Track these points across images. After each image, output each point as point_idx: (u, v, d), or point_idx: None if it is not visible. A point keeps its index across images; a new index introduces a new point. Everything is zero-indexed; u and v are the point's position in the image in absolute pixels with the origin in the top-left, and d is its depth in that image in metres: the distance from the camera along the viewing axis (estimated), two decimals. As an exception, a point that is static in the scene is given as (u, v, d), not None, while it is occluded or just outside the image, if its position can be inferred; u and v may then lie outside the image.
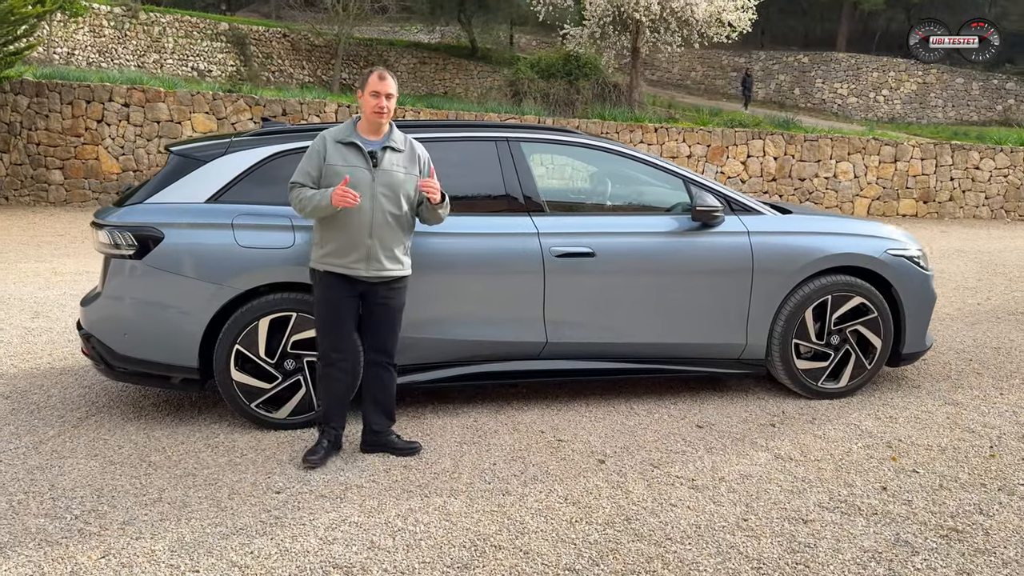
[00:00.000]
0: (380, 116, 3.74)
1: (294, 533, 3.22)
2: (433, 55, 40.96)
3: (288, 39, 37.60)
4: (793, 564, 3.03)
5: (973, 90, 37.94)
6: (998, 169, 16.26)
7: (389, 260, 3.77)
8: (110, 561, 3.00)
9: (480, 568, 2.97)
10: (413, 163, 3.83)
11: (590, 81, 23.95)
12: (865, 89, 38.30)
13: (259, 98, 15.27)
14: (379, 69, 3.80)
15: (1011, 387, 5.15)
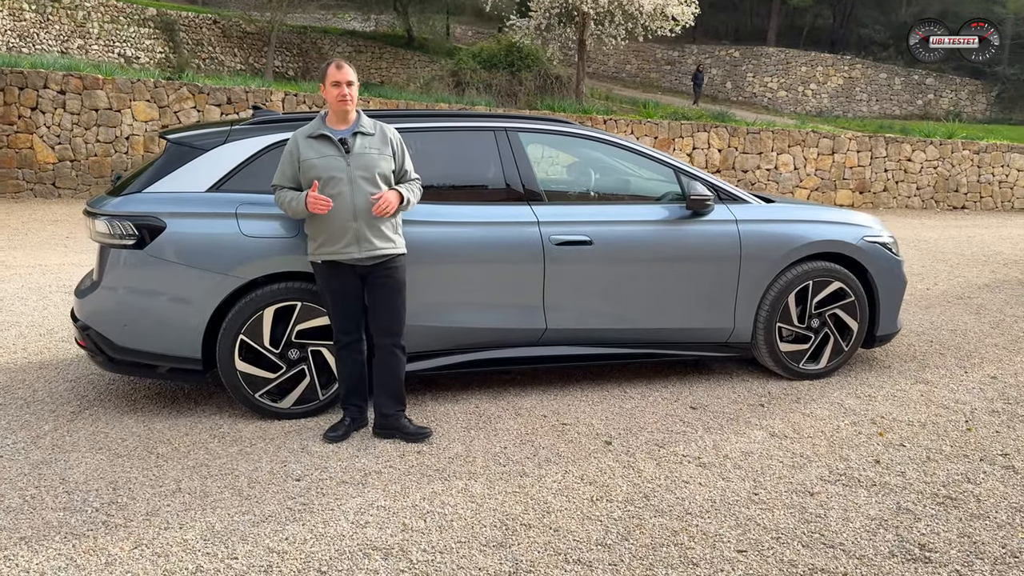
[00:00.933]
0: (344, 104, 3.80)
1: (324, 518, 3.24)
2: (368, 44, 40.49)
3: (219, 26, 36.64)
4: (808, 533, 3.20)
5: (896, 85, 39.47)
6: (928, 161, 17.02)
7: (379, 239, 3.82)
8: (144, 551, 2.98)
9: (515, 546, 3.06)
10: (385, 144, 3.89)
11: (532, 72, 24.12)
12: (794, 83, 39.42)
13: (203, 86, 14.91)
14: (335, 60, 3.89)
15: (973, 366, 5.47)
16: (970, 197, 17.36)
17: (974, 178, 17.09)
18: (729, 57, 40.76)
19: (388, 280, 3.90)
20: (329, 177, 3.78)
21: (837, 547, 3.10)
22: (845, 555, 3.04)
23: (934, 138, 17.27)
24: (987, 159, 17.11)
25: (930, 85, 39.73)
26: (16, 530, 3.11)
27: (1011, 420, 4.46)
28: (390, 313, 3.95)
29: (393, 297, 3.93)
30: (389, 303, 3.94)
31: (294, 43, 39.22)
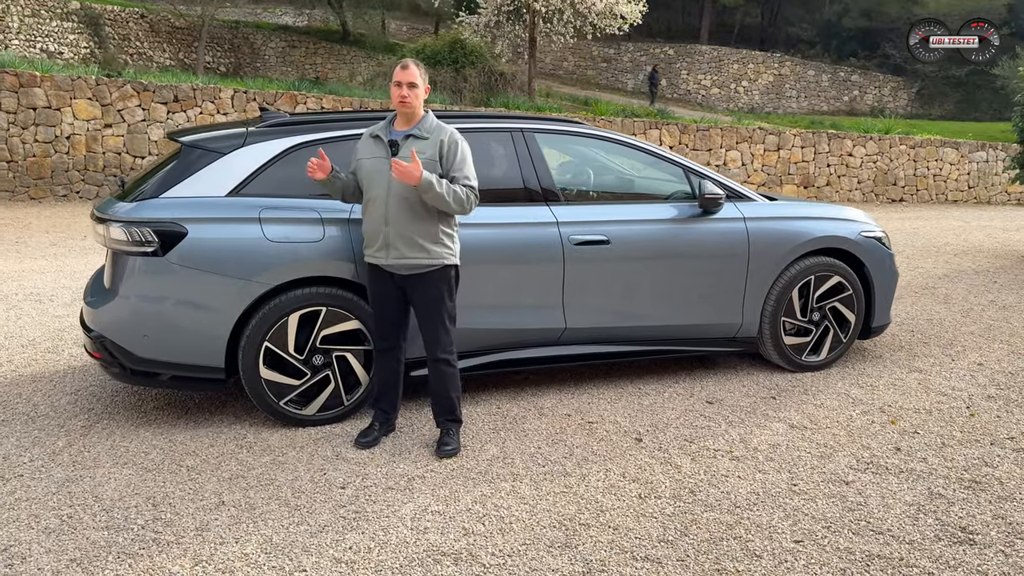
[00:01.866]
0: (403, 106, 3.75)
1: (382, 525, 3.21)
2: (303, 39, 39.83)
3: (147, 20, 35.53)
4: (855, 521, 3.31)
5: (823, 82, 40.71)
6: (868, 156, 17.65)
7: (409, 247, 3.72)
8: (206, 568, 2.91)
9: (580, 546, 3.09)
10: (435, 148, 3.75)
11: (477, 69, 24.09)
12: (727, 81, 40.33)
13: (148, 83, 14.45)
14: (404, 60, 3.82)
15: (957, 354, 5.72)
16: (907, 190, 18.07)
17: (911, 172, 17.80)
18: (664, 55, 41.41)
19: (423, 292, 3.81)
20: (371, 179, 3.77)
21: (885, 533, 3.21)
22: (896, 541, 3.15)
23: (873, 134, 17.90)
24: (923, 153, 17.84)
25: (855, 82, 41.09)
26: (63, 551, 3.00)
27: (1008, 405, 4.68)
28: (428, 326, 3.87)
29: (429, 310, 3.84)
30: (426, 316, 3.86)
31: (225, 38, 38.35)
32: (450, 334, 3.90)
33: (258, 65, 38.69)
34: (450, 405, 3.95)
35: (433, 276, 3.80)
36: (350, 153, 4.21)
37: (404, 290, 3.85)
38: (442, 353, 3.90)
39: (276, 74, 35.90)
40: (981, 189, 18.01)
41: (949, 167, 17.96)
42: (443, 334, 3.88)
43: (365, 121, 4.42)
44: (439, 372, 3.92)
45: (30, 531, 3.14)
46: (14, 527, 3.17)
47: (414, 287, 3.81)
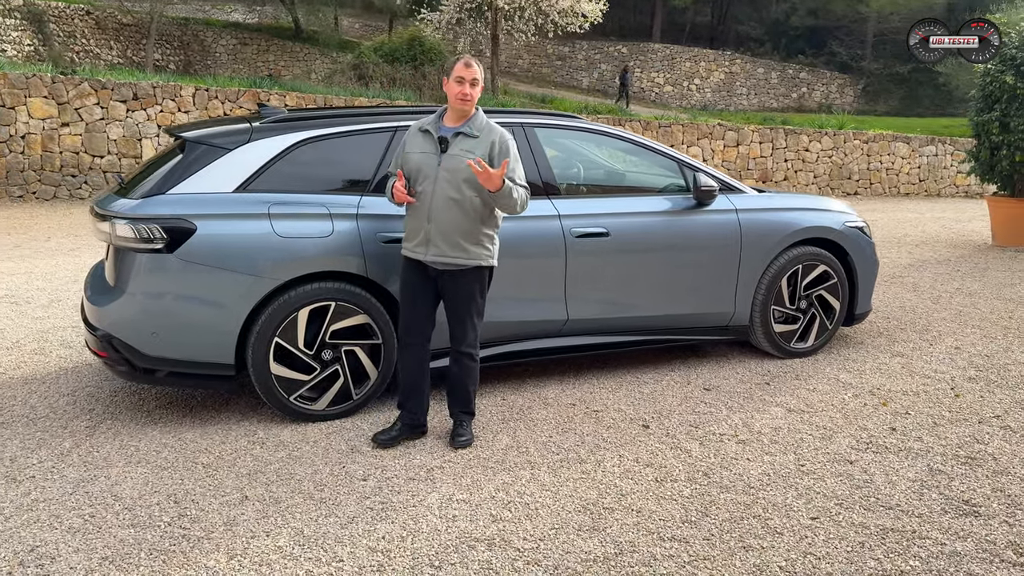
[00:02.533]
0: (464, 103, 3.73)
1: (411, 515, 3.25)
2: (254, 36, 39.29)
3: (93, 17, 34.66)
4: (865, 498, 3.45)
5: (772, 79, 41.50)
6: (824, 151, 18.10)
7: (449, 246, 3.72)
8: (242, 562, 2.91)
9: (608, 528, 3.16)
10: (485, 148, 3.73)
11: (436, 67, 24.06)
12: (679, 78, 40.86)
13: (106, 81, 14.14)
14: (465, 56, 3.80)
15: (934, 339, 5.95)
16: (861, 183, 18.57)
17: (864, 166, 18.30)
18: (618, 53, 41.78)
19: (456, 289, 3.82)
20: (419, 174, 3.76)
21: (895, 508, 3.35)
22: (905, 515, 3.30)
23: (828, 129, 18.36)
24: (875, 148, 18.35)
25: (803, 79, 41.95)
26: (93, 550, 2.97)
27: (989, 386, 4.89)
28: (456, 321, 3.89)
29: (460, 306, 3.86)
30: (456, 311, 3.88)
31: (175, 35, 37.66)
32: (477, 329, 3.93)
33: (209, 63, 38.06)
34: (467, 398, 3.99)
35: (469, 274, 3.81)
36: (355, 149, 4.24)
37: (437, 284, 3.86)
38: (468, 347, 3.92)
39: (228, 72, 35.36)
40: (931, 182, 18.60)
41: (901, 161, 18.51)
42: (471, 329, 3.90)
43: (366, 117, 4.45)
44: (462, 365, 3.94)
45: (53, 531, 3.11)
46: (36, 528, 3.13)
47: (448, 282, 3.82)
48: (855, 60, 42.35)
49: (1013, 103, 9.75)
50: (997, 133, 9.88)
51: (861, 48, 42.40)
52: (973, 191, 19.00)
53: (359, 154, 4.28)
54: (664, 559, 2.95)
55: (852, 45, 42.60)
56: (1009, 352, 5.60)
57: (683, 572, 2.87)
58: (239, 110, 14.66)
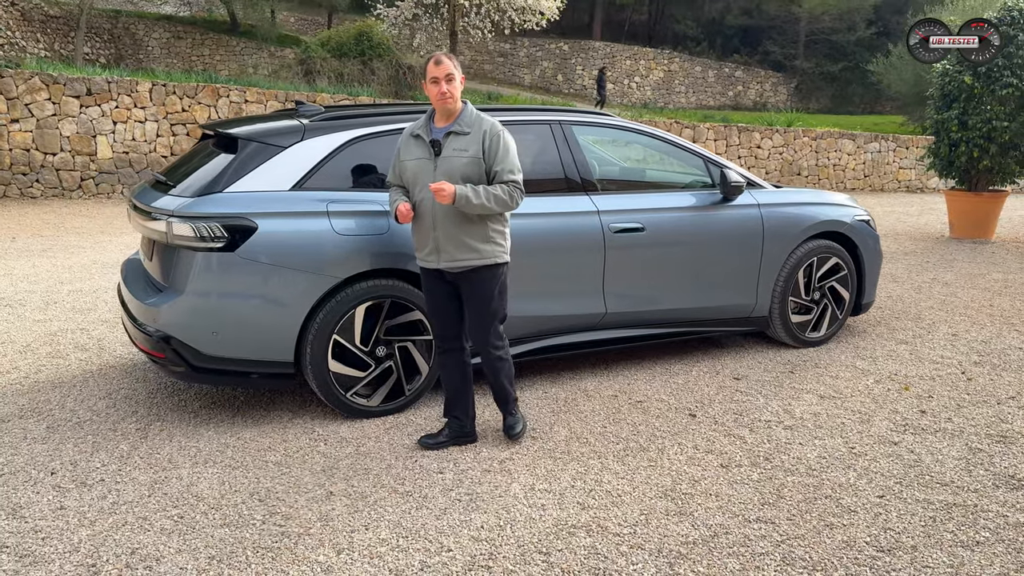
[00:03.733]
0: (445, 102, 3.60)
1: (501, 505, 3.32)
2: (189, 29, 38.29)
3: (17, 8, 33.23)
4: (920, 476, 3.65)
5: (709, 78, 42.40)
6: (775, 147, 18.64)
7: (459, 249, 3.65)
8: (353, 556, 2.94)
9: (696, 512, 3.29)
10: (478, 143, 3.62)
11: (384, 62, 23.90)
12: (620, 76, 41.38)
13: (58, 76, 13.65)
14: (435, 54, 3.64)
15: (930, 327, 6.26)
16: (810, 179, 19.19)
17: (813, 162, 18.92)
18: (559, 50, 42.08)
19: (473, 290, 3.74)
20: (415, 181, 3.69)
21: (950, 485, 3.57)
22: (962, 491, 3.51)
23: (778, 127, 18.92)
24: (823, 145, 18.99)
25: (739, 78, 42.99)
26: (196, 551, 2.96)
27: (995, 369, 5.20)
28: (477, 323, 3.81)
29: (479, 307, 3.77)
30: (476, 313, 3.79)
31: (104, 28, 36.48)
32: (499, 329, 3.86)
33: (141, 57, 36.97)
34: (504, 393, 3.97)
35: (484, 273, 3.73)
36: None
37: (456, 287, 3.80)
38: (493, 349, 3.86)
39: (161, 66, 34.36)
40: (875, 177, 19.34)
41: (847, 157, 19.20)
42: (492, 330, 3.83)
43: (411, 114, 4.47)
44: (490, 364, 3.89)
45: (146, 533, 3.08)
46: (127, 531, 3.09)
47: (465, 285, 3.75)
48: (788, 59, 43.58)
49: (971, 102, 10.26)
50: (956, 131, 10.38)
51: (794, 47, 43.65)
52: (914, 186, 19.84)
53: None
54: (757, 539, 3.09)
55: (785, 44, 43.84)
56: (1002, 338, 5.94)
57: (779, 551, 3.01)
58: (198, 106, 14.34)
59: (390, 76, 23.93)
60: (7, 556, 2.91)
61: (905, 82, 29.24)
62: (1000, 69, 9.99)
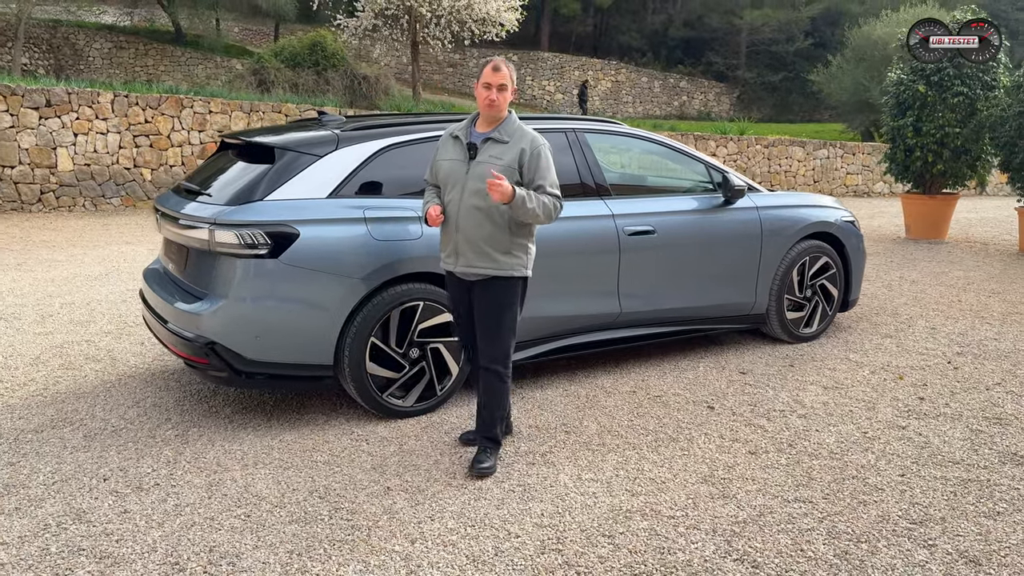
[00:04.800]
0: (490, 109, 3.61)
1: (555, 493, 3.48)
2: (131, 39, 37.59)
3: (-50, 18, 32.31)
4: (931, 456, 3.93)
5: (655, 88, 43.25)
6: (729, 155, 19.17)
7: (478, 256, 3.61)
8: (427, 545, 3.07)
9: (735, 494, 3.50)
10: (514, 155, 3.59)
11: (339, 72, 23.86)
12: (569, 86, 41.92)
13: (15, 87, 13.34)
14: (495, 60, 3.67)
15: (908, 321, 6.62)
16: (764, 185, 19.71)
17: (766, 169, 19.50)
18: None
19: (486, 299, 3.67)
20: (447, 182, 3.70)
21: (962, 463, 3.85)
22: (974, 467, 3.80)
23: (732, 135, 19.48)
24: (775, 152, 19.60)
25: (684, 88, 43.95)
26: (273, 546, 3.05)
27: (976, 359, 5.55)
28: (483, 334, 3.71)
29: (488, 318, 3.68)
30: (483, 323, 3.70)
31: (43, 38, 35.63)
32: (506, 346, 3.70)
33: (82, 67, 36.21)
34: (489, 422, 3.75)
35: (498, 284, 3.65)
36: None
37: (471, 293, 3.76)
38: (492, 364, 3.71)
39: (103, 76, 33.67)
40: (824, 183, 20.03)
41: (797, 164, 19.85)
42: (498, 345, 3.69)
43: (436, 124, 4.62)
44: (486, 383, 3.74)
45: (218, 532, 3.15)
46: (198, 531, 3.16)
47: (479, 293, 3.70)
48: (731, 70, 44.71)
49: (924, 109, 10.80)
50: (911, 137, 10.91)
51: (736, 58, 44.78)
52: (861, 190, 20.60)
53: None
54: (800, 517, 3.31)
55: (727, 55, 44.94)
56: (976, 331, 6.32)
57: (823, 526, 3.24)
58: (161, 117, 14.17)
59: (345, 86, 23.89)
60: (85, 558, 2.96)
61: (845, 91, 30.31)
62: (951, 78, 10.56)
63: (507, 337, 3.71)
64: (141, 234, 11.03)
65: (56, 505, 3.35)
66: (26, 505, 3.36)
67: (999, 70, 10.68)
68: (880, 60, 29.50)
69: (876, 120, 29.63)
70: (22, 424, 4.25)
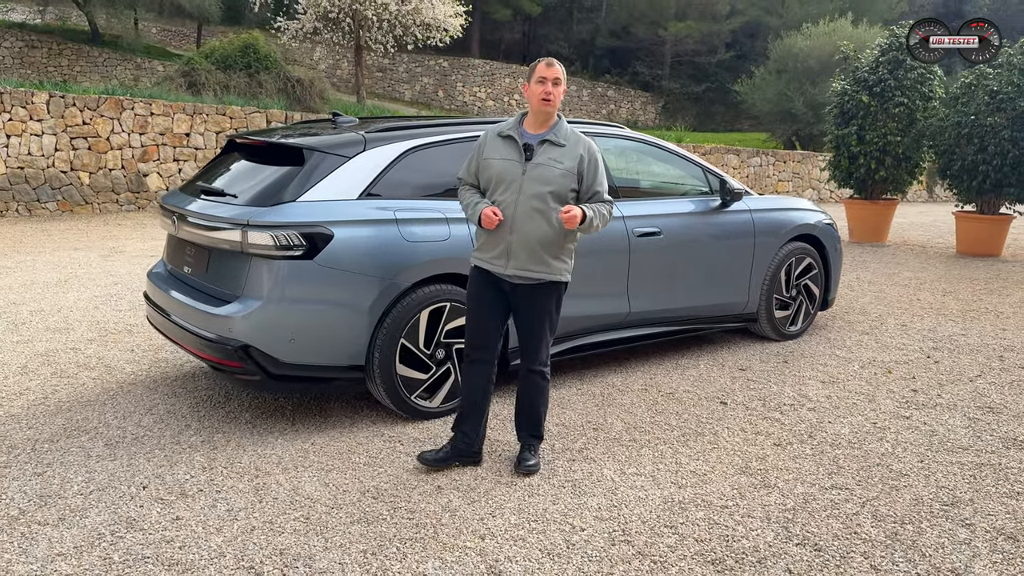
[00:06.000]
0: (547, 105, 3.53)
1: (605, 488, 3.56)
2: (44, 38, 36.06)
3: None
4: (941, 442, 4.17)
5: (584, 96, 43.89)
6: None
7: (532, 260, 3.56)
8: (497, 540, 3.10)
9: (779, 483, 3.64)
10: (573, 159, 3.56)
11: (272, 74, 23.46)
12: (500, 93, 42.19)
13: (-58, 86, 12.70)
14: (546, 58, 3.63)
15: (879, 319, 6.95)
16: (701, 192, 20.33)
17: (703, 176, 20.10)
18: (439, 67, 42.40)
19: (531, 303, 3.65)
20: (500, 181, 3.58)
21: (970, 448, 4.10)
22: (983, 452, 4.05)
23: (685, 143, 19.97)
24: (712, 160, 20.16)
25: (611, 96, 44.72)
26: (344, 546, 3.03)
27: (952, 354, 5.88)
28: (529, 337, 3.71)
29: (534, 322, 3.68)
30: (529, 327, 3.70)
31: (-57, 36, 33.91)
32: (549, 347, 3.76)
33: (-10, 67, 34.53)
34: (536, 420, 3.79)
35: (545, 288, 3.65)
36: (456, 156, 4.40)
37: (509, 297, 3.70)
38: (539, 365, 3.74)
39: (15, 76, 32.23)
40: (757, 190, 20.72)
41: (732, 171, 20.48)
42: (543, 348, 3.72)
43: (459, 126, 4.66)
44: (533, 384, 3.76)
45: (282, 535, 3.11)
46: (260, 534, 3.12)
47: (522, 297, 3.65)
48: (656, 80, 45.72)
49: (867, 119, 11.34)
50: (855, 145, 11.43)
51: (661, 68, 45.82)
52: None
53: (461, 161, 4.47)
54: (843, 502, 3.47)
55: (653, 65, 45.93)
56: (943, 326, 6.70)
57: (866, 509, 3.41)
58: (100, 119, 13.66)
59: (278, 88, 23.49)
60: (153, 566, 2.89)
61: (769, 102, 31.43)
62: (892, 89, 11.12)
63: (550, 340, 3.77)
64: (88, 240, 10.63)
65: (102, 514, 3.25)
66: (70, 515, 3.24)
67: (935, 82, 11.30)
68: (802, 72, 30.79)
69: (798, 130, 30.91)
70: (33, 434, 4.08)
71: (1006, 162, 9.89)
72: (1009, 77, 9.90)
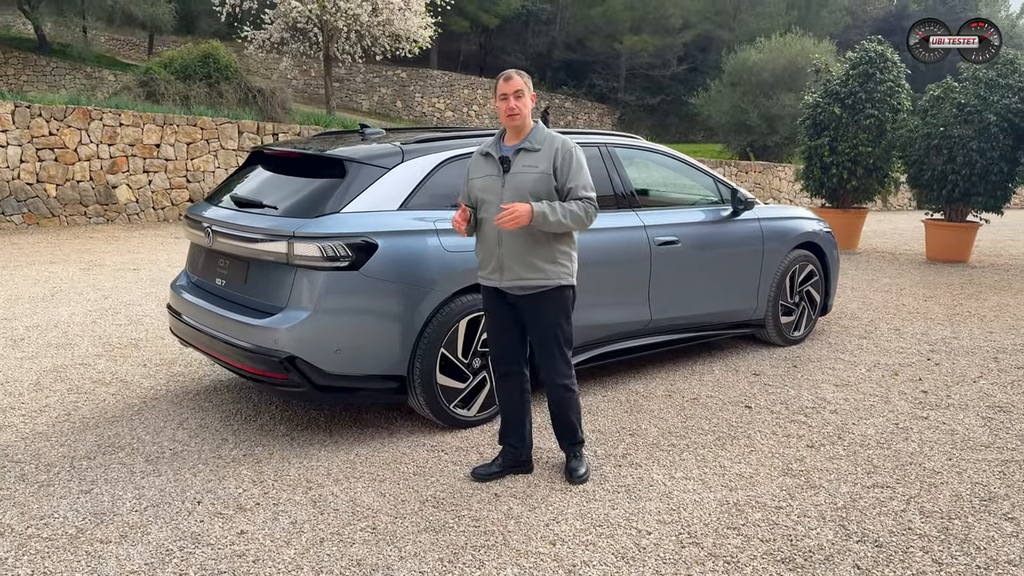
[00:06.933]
0: (512, 118, 3.55)
1: (660, 492, 3.62)
2: (-12, 47, 35.10)
3: None
4: (963, 440, 4.33)
5: (541, 108, 44.24)
6: (637, 172, 19.98)
7: (525, 269, 3.56)
8: (568, 545, 3.14)
9: (822, 483, 3.74)
10: (548, 160, 3.54)
11: (232, 84, 23.18)
12: (459, 104, 42.32)
13: (-99, 96, 12.29)
14: (505, 71, 3.62)
15: (873, 324, 7.17)
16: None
17: (669, 186, 20.44)
18: (397, 77, 42.33)
19: (537, 315, 3.63)
20: (483, 198, 3.61)
21: (991, 446, 4.27)
22: (1004, 449, 4.21)
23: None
24: (677, 170, 20.59)
25: (568, 108, 45.18)
26: (419, 556, 3.04)
27: (948, 357, 6.10)
28: (543, 350, 3.69)
29: (544, 333, 3.65)
30: (541, 340, 3.67)
31: None
32: (567, 356, 3.71)
33: (-72, 76, 33.53)
34: (572, 429, 3.81)
35: (548, 297, 3.61)
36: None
37: (517, 309, 3.69)
38: (560, 378, 3.71)
39: (-44, 87, 31.31)
40: (721, 200, 21.20)
41: (697, 181, 20.94)
42: (559, 358, 3.69)
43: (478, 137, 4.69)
44: (558, 397, 3.75)
45: (353, 546, 3.11)
46: (330, 545, 3.11)
47: (528, 309, 3.64)
48: (612, 92, 46.32)
49: (839, 130, 11.68)
50: (828, 155, 11.76)
51: (617, 81, 46.43)
52: (754, 207, 21.89)
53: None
54: (888, 500, 3.59)
55: (609, 78, 46.53)
56: (934, 330, 6.93)
57: (913, 506, 3.53)
58: (68, 130, 13.35)
59: (239, 99, 23.21)
60: (231, 580, 2.87)
61: (724, 113, 32.03)
62: (863, 101, 11.49)
63: (567, 349, 3.71)
64: (63, 254, 10.38)
65: (164, 530, 3.21)
66: (131, 532, 3.19)
67: (902, 95, 11.71)
68: (756, 85, 31.45)
69: (752, 141, 31.58)
70: (67, 451, 4.00)
71: (974, 172, 10.29)
72: (976, 90, 10.31)
